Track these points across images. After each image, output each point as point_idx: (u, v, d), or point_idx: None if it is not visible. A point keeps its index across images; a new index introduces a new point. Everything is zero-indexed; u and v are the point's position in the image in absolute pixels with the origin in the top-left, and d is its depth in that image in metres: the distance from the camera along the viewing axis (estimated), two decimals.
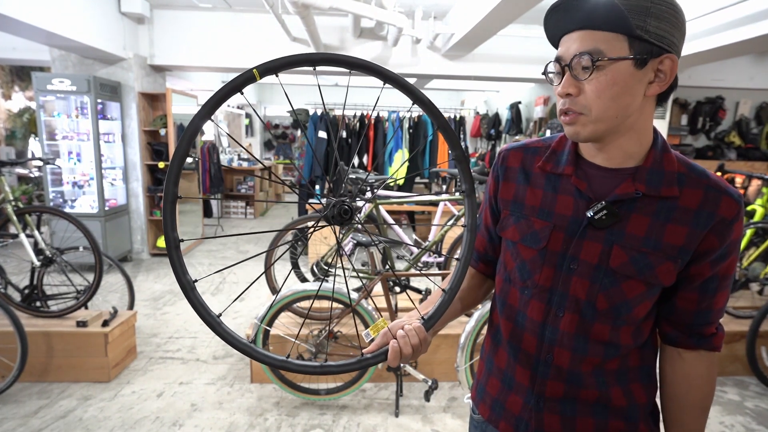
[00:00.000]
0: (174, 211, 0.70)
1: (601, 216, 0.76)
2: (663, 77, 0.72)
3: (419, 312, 0.86)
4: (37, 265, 2.82)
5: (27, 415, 2.38)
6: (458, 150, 0.75)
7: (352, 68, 0.70)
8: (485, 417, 0.94)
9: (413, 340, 0.77)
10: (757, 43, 3.33)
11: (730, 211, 0.74)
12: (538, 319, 0.84)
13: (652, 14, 0.67)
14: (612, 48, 0.69)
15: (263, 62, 0.67)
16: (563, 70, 0.74)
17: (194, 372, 2.85)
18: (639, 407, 0.85)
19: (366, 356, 0.79)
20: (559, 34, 0.75)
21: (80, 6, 4.01)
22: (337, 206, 0.74)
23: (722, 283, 0.79)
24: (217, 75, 8.72)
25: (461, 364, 2.32)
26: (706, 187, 0.75)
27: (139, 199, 5.16)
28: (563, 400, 0.84)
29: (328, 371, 0.78)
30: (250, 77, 0.67)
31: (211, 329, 0.73)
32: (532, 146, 0.90)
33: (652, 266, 0.76)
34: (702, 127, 6.11)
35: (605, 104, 0.72)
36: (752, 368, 2.80)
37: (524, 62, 5.27)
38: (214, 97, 0.67)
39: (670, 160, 0.77)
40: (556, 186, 0.83)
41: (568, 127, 0.77)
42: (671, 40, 0.70)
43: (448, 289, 0.80)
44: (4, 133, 7.99)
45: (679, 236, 0.75)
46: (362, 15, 3.74)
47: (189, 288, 0.71)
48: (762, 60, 5.65)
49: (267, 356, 0.76)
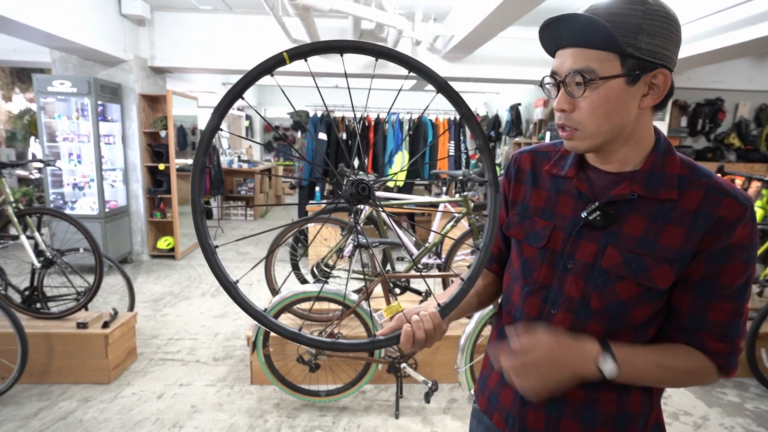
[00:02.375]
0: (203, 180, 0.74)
1: (595, 217, 0.77)
2: (656, 90, 0.73)
3: (436, 299, 0.86)
4: (38, 266, 2.83)
5: (27, 417, 2.38)
6: (482, 138, 0.75)
7: (378, 56, 0.71)
8: (482, 408, 0.97)
9: (427, 325, 0.78)
10: (756, 45, 3.34)
11: (732, 212, 0.71)
12: (533, 315, 0.85)
13: (643, 31, 0.68)
14: (604, 67, 0.70)
15: (292, 47, 0.69)
16: (558, 84, 0.76)
17: (194, 373, 2.85)
18: (631, 416, 0.82)
19: (378, 338, 0.79)
20: (552, 49, 0.77)
21: (81, 8, 4.02)
22: (355, 184, 0.75)
23: (722, 292, 0.74)
24: (217, 77, 8.74)
25: (461, 366, 2.32)
26: (707, 188, 0.74)
27: (139, 201, 5.17)
28: (550, 399, 0.82)
29: (339, 348, 0.78)
30: (281, 60, 0.69)
31: (228, 294, 0.76)
32: (543, 150, 0.92)
33: (646, 268, 0.75)
34: (702, 129, 6.12)
35: (598, 121, 0.73)
36: (752, 370, 2.80)
37: (524, 64, 5.28)
38: (244, 79, 0.69)
39: (673, 163, 0.77)
40: (559, 188, 0.85)
41: (566, 142, 0.80)
42: (663, 54, 0.70)
43: (467, 278, 0.80)
44: (5, 134, 8.00)
45: (676, 238, 0.74)
46: (362, 17, 3.75)
47: (210, 251, 0.73)
48: (761, 62, 5.66)
49: (279, 326, 0.78)
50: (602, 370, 0.73)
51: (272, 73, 0.70)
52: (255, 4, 4.66)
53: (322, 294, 2.41)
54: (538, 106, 7.23)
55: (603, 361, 0.73)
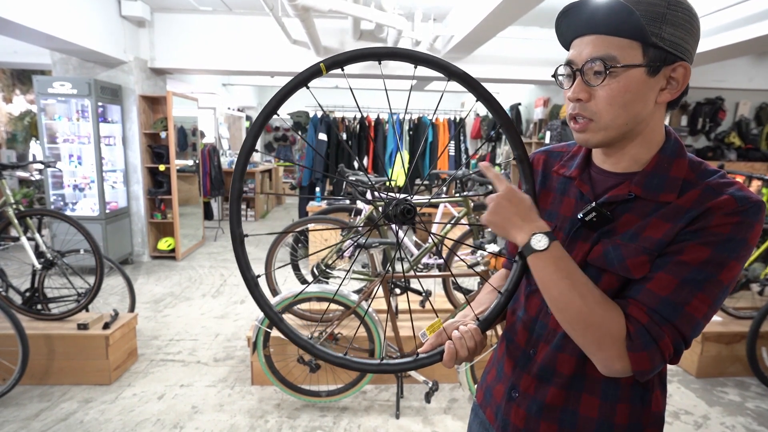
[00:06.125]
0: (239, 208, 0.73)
1: (591, 218, 0.75)
2: (675, 85, 0.71)
3: (473, 311, 0.85)
4: (38, 267, 2.83)
5: (28, 418, 2.38)
6: (521, 149, 0.75)
7: (416, 62, 0.70)
8: (479, 401, 0.98)
9: (469, 343, 0.77)
10: (756, 43, 3.34)
11: (719, 205, 0.67)
12: (533, 315, 0.85)
13: (667, 21, 0.66)
14: (626, 55, 0.68)
15: (330, 56, 0.67)
16: (574, 74, 0.73)
17: (195, 374, 2.85)
18: (615, 427, 0.77)
19: (421, 356, 0.79)
20: (571, 36, 0.74)
21: (81, 9, 4.02)
22: (400, 205, 0.73)
23: (673, 267, 0.68)
24: (217, 78, 8.74)
25: (461, 366, 2.32)
26: (705, 187, 0.70)
27: (139, 202, 5.17)
28: (533, 398, 0.82)
29: (386, 370, 0.78)
30: (317, 71, 0.67)
31: (275, 325, 0.76)
32: (556, 151, 0.92)
33: (622, 257, 0.72)
34: (702, 128, 6.12)
35: (616, 111, 0.70)
36: (753, 369, 2.80)
37: (524, 64, 5.27)
38: (281, 92, 0.68)
39: (680, 166, 0.73)
40: (564, 188, 0.85)
41: (578, 135, 0.76)
42: (685, 47, 0.69)
43: (505, 291, 0.79)
44: (6, 136, 8.01)
45: (660, 230, 0.70)
46: (362, 17, 3.75)
47: (239, 240, 0.73)
48: (761, 61, 5.66)
49: (329, 353, 0.78)
50: (531, 240, 0.73)
51: (307, 85, 0.68)
52: (255, 5, 4.66)
53: (322, 294, 2.42)
54: (538, 106, 7.22)
55: (539, 237, 0.73)
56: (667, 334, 0.67)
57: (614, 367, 0.70)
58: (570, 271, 0.71)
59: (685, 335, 0.68)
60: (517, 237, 0.75)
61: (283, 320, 0.76)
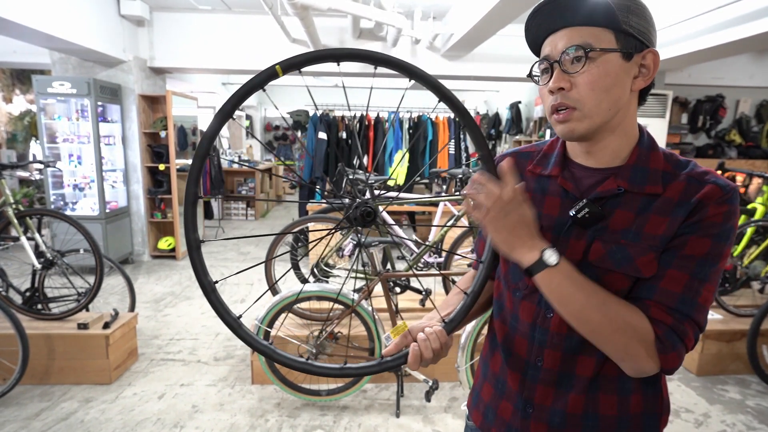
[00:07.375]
0: (195, 213, 0.71)
1: (584, 214, 0.75)
2: (646, 72, 0.74)
3: (439, 313, 0.84)
4: (38, 267, 2.83)
5: (28, 418, 2.39)
6: (485, 150, 0.74)
7: (377, 63, 0.69)
8: (477, 424, 0.93)
9: (434, 344, 0.77)
10: (756, 41, 3.33)
11: (709, 195, 0.70)
12: (528, 321, 0.82)
13: (632, 11, 0.71)
14: (601, 41, 0.71)
15: (286, 58, 0.65)
16: (551, 67, 0.75)
17: (195, 373, 2.86)
18: (632, 417, 0.79)
19: (386, 359, 0.78)
20: (542, 35, 0.77)
21: (80, 9, 4.02)
22: (359, 208, 0.73)
23: (681, 262, 0.71)
24: (216, 77, 8.74)
25: (462, 365, 2.32)
26: (688, 178, 0.73)
27: (139, 201, 5.17)
28: (552, 409, 0.80)
29: (348, 374, 0.77)
30: (273, 73, 0.65)
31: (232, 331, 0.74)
32: (524, 151, 0.91)
33: (631, 258, 0.73)
34: (702, 126, 6.11)
35: (598, 96, 0.72)
36: (753, 367, 2.80)
37: (524, 62, 5.26)
38: (236, 95, 0.66)
39: (657, 159, 0.76)
40: (544, 188, 0.83)
41: (561, 126, 0.75)
42: (649, 36, 0.73)
43: (471, 292, 0.78)
44: (6, 136, 8.01)
45: (660, 226, 0.72)
46: (361, 16, 3.74)
47: (210, 289, 0.71)
48: (762, 58, 5.65)
49: (288, 358, 0.77)
50: (543, 254, 0.70)
51: (263, 88, 0.66)
52: (254, 4, 4.65)
53: (322, 294, 2.41)
54: (538, 104, 7.22)
55: (550, 252, 0.71)
56: (689, 329, 0.71)
57: (645, 369, 0.72)
58: (582, 283, 0.72)
59: (701, 325, 0.72)
60: (527, 255, 0.72)
61: (242, 326, 0.75)
